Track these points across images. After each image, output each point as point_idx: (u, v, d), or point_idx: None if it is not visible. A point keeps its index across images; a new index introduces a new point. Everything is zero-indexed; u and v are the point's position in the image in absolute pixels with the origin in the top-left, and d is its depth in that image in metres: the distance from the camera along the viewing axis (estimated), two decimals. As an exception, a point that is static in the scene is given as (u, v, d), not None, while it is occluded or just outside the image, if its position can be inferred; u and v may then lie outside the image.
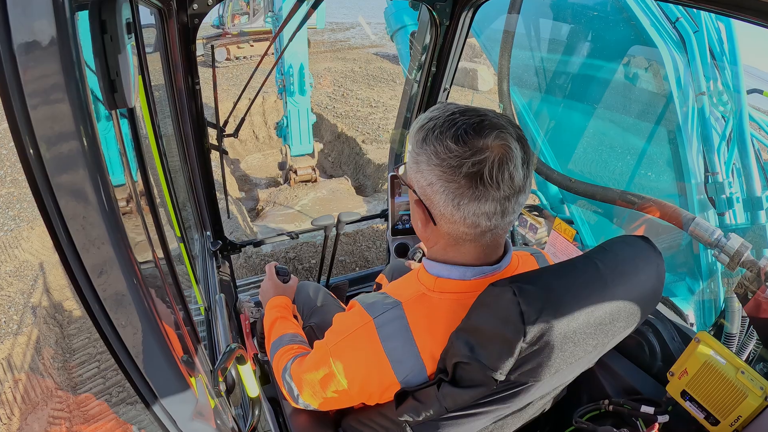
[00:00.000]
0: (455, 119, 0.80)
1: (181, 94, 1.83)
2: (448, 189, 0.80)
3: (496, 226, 0.84)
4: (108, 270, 0.62)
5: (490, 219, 0.81)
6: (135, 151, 0.89)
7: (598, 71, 2.42)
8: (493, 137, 0.78)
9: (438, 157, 0.79)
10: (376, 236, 5.17)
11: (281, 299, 1.49)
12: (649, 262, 0.91)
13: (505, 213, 0.82)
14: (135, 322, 0.69)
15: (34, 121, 0.50)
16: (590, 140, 2.52)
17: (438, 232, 0.88)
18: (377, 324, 0.90)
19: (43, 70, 0.49)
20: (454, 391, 0.84)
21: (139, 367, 0.74)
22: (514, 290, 0.74)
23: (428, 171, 0.81)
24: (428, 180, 0.82)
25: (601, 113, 2.44)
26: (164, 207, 1.57)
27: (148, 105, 1.25)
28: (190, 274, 1.83)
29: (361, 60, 15.89)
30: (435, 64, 2.24)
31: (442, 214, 0.84)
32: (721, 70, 2.06)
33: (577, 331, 0.78)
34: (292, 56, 6.34)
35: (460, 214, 0.81)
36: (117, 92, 0.63)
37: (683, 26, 2.14)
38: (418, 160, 0.83)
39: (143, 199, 0.86)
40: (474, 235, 0.85)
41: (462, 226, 0.83)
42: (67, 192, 0.55)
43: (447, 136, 0.78)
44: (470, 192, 0.78)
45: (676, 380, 1.18)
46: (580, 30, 2.45)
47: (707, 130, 2.05)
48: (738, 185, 2.02)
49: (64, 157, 0.53)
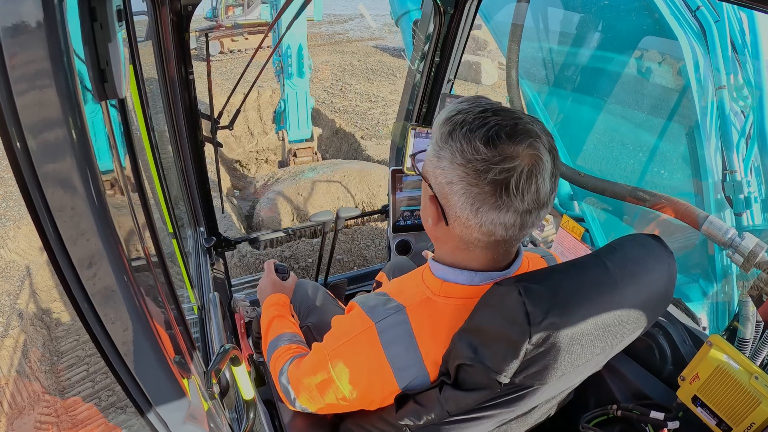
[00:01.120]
0: (487, 118, 0.77)
1: (173, 84, 1.82)
2: (469, 193, 0.77)
3: (512, 237, 0.82)
4: (97, 264, 0.62)
5: (507, 230, 0.80)
6: (126, 143, 0.89)
7: (611, 62, 2.40)
8: (526, 145, 0.75)
9: (464, 157, 0.76)
10: (375, 234, 5.17)
11: (279, 297, 1.49)
12: (660, 261, 0.90)
13: (523, 226, 0.80)
14: (125, 321, 0.69)
15: (20, 109, 0.50)
16: (602, 134, 2.51)
17: (449, 233, 0.86)
18: (379, 329, 0.90)
19: (29, 56, 0.49)
20: (456, 394, 0.84)
21: (129, 367, 0.74)
22: (519, 290, 0.73)
23: (450, 169, 0.78)
24: (449, 178, 0.79)
25: (614, 107, 2.43)
26: (156, 202, 1.57)
27: (139, 96, 1.25)
28: (183, 271, 1.83)
29: (360, 53, 15.86)
30: (438, 54, 2.23)
31: (457, 216, 0.81)
32: (742, 63, 2.04)
33: (584, 333, 0.78)
34: (290, 37, 6.30)
35: (477, 220, 0.79)
36: (107, 82, 0.63)
37: (704, 15, 2.10)
38: (440, 155, 0.80)
39: (134, 194, 0.86)
40: (487, 243, 0.84)
41: (476, 233, 0.81)
42: (54, 183, 0.55)
43: (477, 135, 0.75)
44: (492, 200, 0.76)
45: (687, 385, 1.18)
46: (593, 18, 2.43)
47: (726, 126, 2.02)
48: (756, 185, 2.01)
49: (50, 147, 0.53)
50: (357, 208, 5.39)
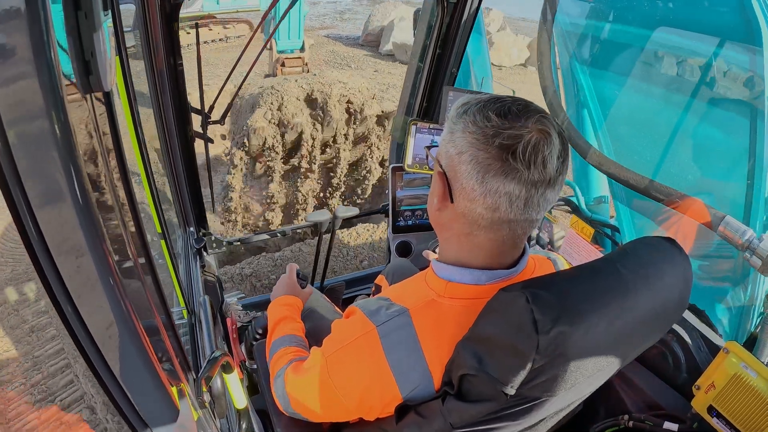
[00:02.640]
0: (502, 98, 0.86)
1: (162, 76, 1.82)
2: (476, 159, 0.82)
3: (516, 219, 0.84)
4: (80, 266, 0.62)
5: (511, 204, 0.82)
6: (112, 138, 0.89)
7: (680, 49, 2.29)
8: (535, 120, 0.81)
9: (475, 125, 0.83)
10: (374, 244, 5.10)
11: (294, 299, 1.53)
12: (675, 265, 0.90)
13: (528, 203, 0.82)
14: (110, 325, 0.69)
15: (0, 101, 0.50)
16: (654, 124, 2.39)
17: (453, 212, 0.89)
18: (381, 333, 0.90)
19: (10, 46, 0.49)
20: (460, 406, 0.83)
21: (115, 374, 0.74)
22: (527, 296, 0.73)
23: (461, 138, 0.84)
24: (459, 148, 0.84)
25: (674, 95, 2.31)
26: (143, 200, 1.57)
27: (126, 89, 1.24)
28: (172, 273, 1.83)
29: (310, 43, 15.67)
30: (440, 45, 2.23)
31: (462, 188, 0.85)
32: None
33: (595, 342, 0.78)
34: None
35: (482, 189, 0.82)
36: (92, 74, 0.62)
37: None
38: (453, 129, 0.86)
39: (121, 193, 0.86)
40: (490, 221, 0.85)
41: (480, 206, 0.83)
42: (35, 180, 0.55)
43: (490, 108, 0.83)
44: (498, 165, 0.80)
45: (702, 394, 1.17)
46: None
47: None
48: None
49: (32, 141, 0.53)
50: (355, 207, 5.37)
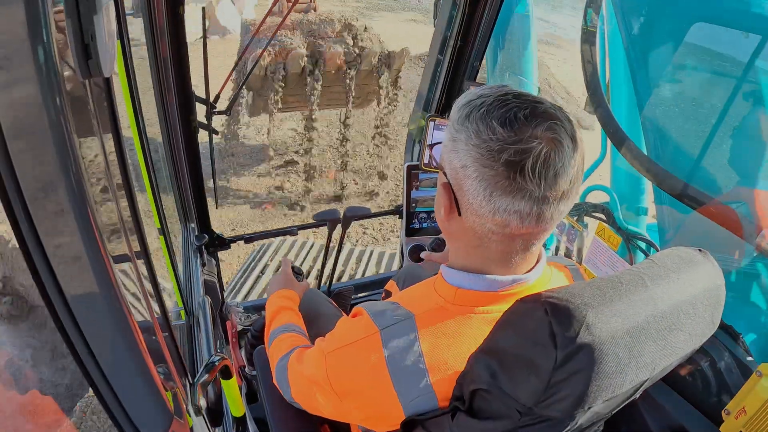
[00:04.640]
0: (507, 100, 0.80)
1: (166, 63, 1.82)
2: (482, 175, 0.79)
3: (530, 233, 0.83)
4: (74, 259, 0.62)
5: (522, 221, 0.80)
6: (111, 127, 0.90)
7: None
8: (545, 128, 0.77)
9: (479, 138, 0.79)
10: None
11: (291, 292, 1.56)
12: (706, 280, 0.89)
13: (540, 218, 0.81)
14: (102, 322, 0.69)
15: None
16: (702, 115, 2.33)
17: (462, 225, 0.88)
18: (383, 337, 0.90)
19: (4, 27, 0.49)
20: (471, 423, 0.82)
21: (106, 376, 0.75)
22: (546, 308, 0.72)
23: (465, 151, 0.81)
24: (462, 161, 0.82)
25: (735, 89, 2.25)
26: (143, 194, 1.58)
27: (127, 75, 1.25)
28: (170, 272, 1.84)
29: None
30: (462, 38, 2.22)
31: (469, 204, 0.83)
32: None
33: (617, 359, 0.77)
34: None
35: (490, 207, 0.80)
36: (91, 59, 0.63)
37: None
38: (455, 138, 0.83)
39: (119, 185, 0.86)
40: (501, 236, 0.84)
41: (489, 223, 0.82)
42: (29, 169, 0.55)
43: (494, 116, 0.79)
44: (506, 183, 0.78)
45: (732, 420, 1.16)
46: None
47: None
48: None
49: (25, 128, 0.53)
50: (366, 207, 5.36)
